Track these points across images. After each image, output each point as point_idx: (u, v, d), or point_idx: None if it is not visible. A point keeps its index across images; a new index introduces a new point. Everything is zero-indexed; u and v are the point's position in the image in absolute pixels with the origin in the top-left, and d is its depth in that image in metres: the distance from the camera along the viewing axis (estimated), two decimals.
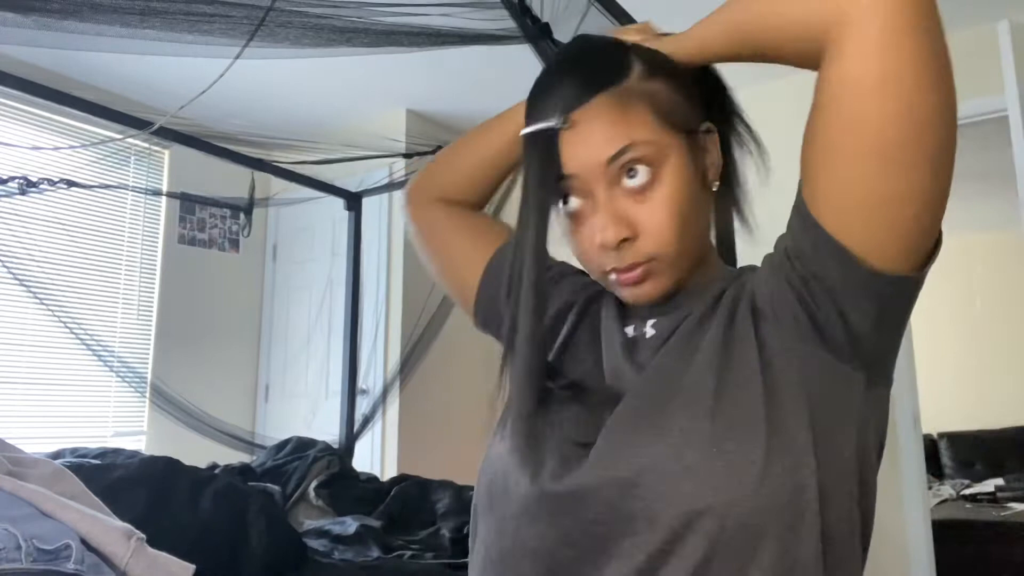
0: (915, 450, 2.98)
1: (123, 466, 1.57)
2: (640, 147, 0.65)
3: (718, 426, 0.61)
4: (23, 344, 3.11)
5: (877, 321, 0.62)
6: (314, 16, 1.51)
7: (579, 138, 0.66)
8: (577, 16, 1.60)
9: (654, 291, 0.69)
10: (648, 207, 0.66)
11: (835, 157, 0.58)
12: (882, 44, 0.54)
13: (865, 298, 0.61)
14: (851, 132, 0.57)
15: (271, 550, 1.57)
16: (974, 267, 5.59)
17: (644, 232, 0.66)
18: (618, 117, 0.65)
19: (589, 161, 0.66)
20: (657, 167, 0.66)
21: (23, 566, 0.70)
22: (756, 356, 0.64)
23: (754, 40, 0.64)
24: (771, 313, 0.65)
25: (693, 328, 0.69)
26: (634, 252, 0.67)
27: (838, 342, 0.63)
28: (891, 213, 0.58)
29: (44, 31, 1.42)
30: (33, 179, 2.47)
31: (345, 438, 2.92)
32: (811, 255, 0.62)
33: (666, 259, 0.67)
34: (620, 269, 0.68)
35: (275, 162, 2.76)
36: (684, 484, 0.59)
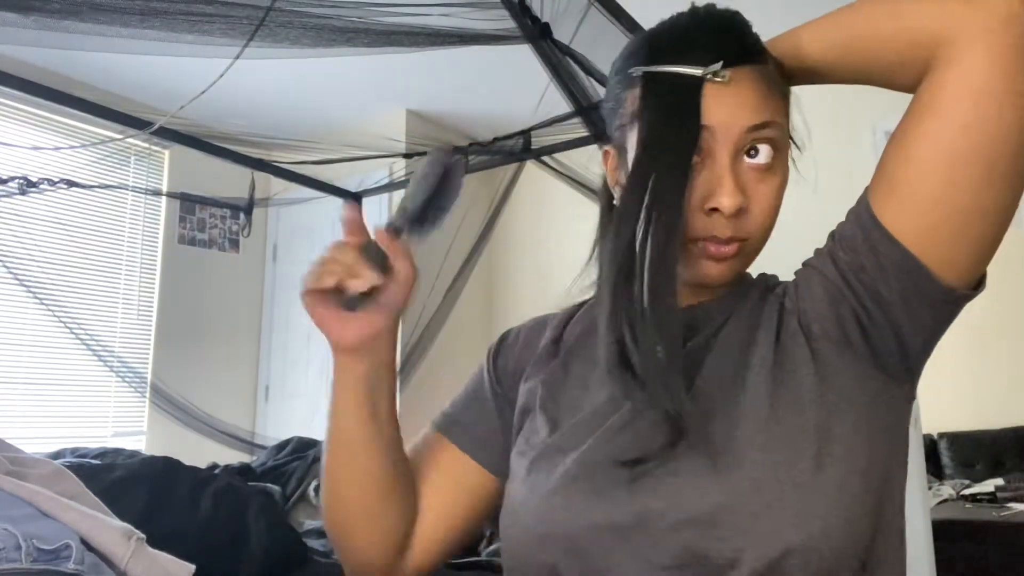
0: (915, 450, 2.98)
1: (123, 466, 1.57)
2: (776, 128, 0.64)
3: (790, 457, 0.58)
4: (23, 344, 3.11)
5: (930, 337, 0.62)
6: (314, 16, 1.51)
7: (728, 95, 0.62)
8: (577, 16, 1.60)
9: (731, 272, 0.66)
10: (761, 189, 0.64)
11: (940, 162, 0.57)
12: (1010, 57, 0.55)
13: (927, 314, 0.61)
14: (967, 137, 0.56)
15: (271, 550, 1.57)
16: None
17: (753, 211, 0.64)
18: (766, 92, 0.64)
19: (732, 120, 0.62)
20: (779, 154, 0.65)
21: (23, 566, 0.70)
22: (813, 375, 0.62)
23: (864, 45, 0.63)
24: (822, 331, 0.64)
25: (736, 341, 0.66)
26: (739, 226, 0.63)
27: (891, 361, 0.62)
28: (979, 227, 0.58)
29: (44, 31, 1.42)
30: (33, 179, 2.47)
31: None
32: (875, 270, 0.60)
33: (754, 245, 0.66)
34: (719, 239, 0.63)
35: (275, 162, 2.76)
36: (765, 522, 0.56)
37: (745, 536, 0.56)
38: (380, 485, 0.70)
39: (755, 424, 0.60)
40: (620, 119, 0.67)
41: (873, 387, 0.62)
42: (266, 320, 4.11)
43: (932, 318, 0.61)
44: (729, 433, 0.60)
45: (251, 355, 4.09)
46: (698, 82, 0.62)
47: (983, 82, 0.55)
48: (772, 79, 0.65)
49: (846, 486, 0.58)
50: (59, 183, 2.61)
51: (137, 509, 1.44)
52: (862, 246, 0.61)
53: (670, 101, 0.63)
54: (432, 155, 0.67)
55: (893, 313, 0.60)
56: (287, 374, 3.98)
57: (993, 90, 0.55)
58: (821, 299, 0.64)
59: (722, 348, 0.66)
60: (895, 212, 0.60)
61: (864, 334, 0.62)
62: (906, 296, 0.60)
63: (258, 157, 2.69)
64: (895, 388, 0.64)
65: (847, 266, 0.62)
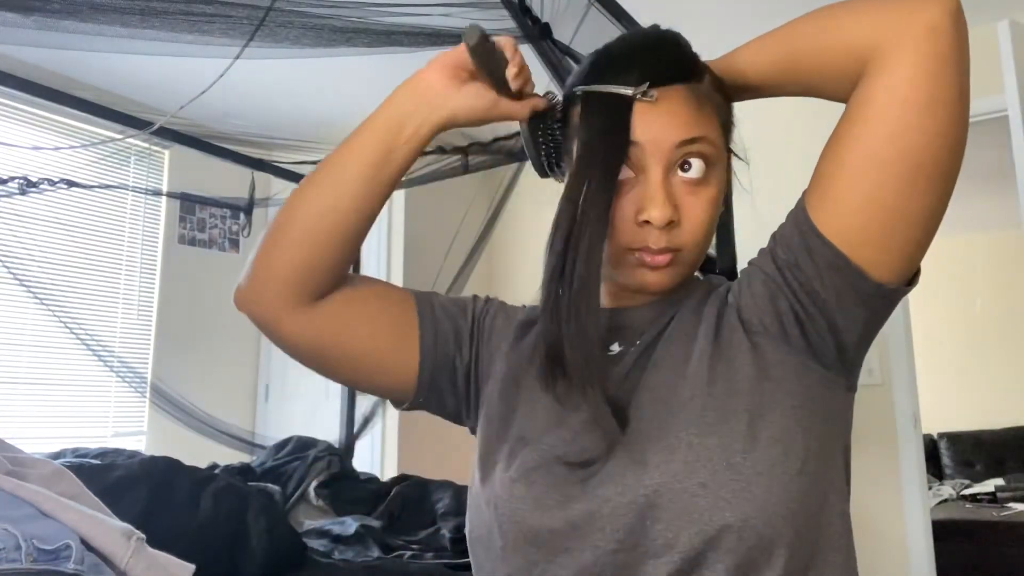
0: (915, 450, 2.98)
1: (123, 466, 1.57)
2: (707, 143, 0.68)
3: (724, 440, 0.62)
4: (23, 344, 3.11)
5: (864, 330, 0.66)
6: (314, 16, 1.51)
7: (657, 113, 0.67)
8: (577, 16, 1.60)
9: (668, 281, 0.70)
10: (693, 201, 0.68)
11: (870, 167, 0.61)
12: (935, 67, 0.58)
13: (860, 309, 0.64)
14: (893, 143, 0.59)
15: (271, 550, 1.57)
16: (974, 267, 5.59)
17: (685, 222, 0.68)
18: (696, 109, 0.68)
19: (662, 137, 0.67)
20: (711, 168, 0.69)
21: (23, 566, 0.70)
22: (751, 367, 0.66)
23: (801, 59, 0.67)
24: (760, 325, 0.67)
25: (681, 341, 0.70)
26: (671, 237, 0.68)
27: (826, 352, 0.66)
28: (906, 229, 0.61)
29: (44, 31, 1.42)
30: (33, 179, 2.47)
31: (345, 438, 2.92)
32: (809, 267, 0.64)
33: (690, 255, 0.69)
34: (653, 250, 0.68)
35: (275, 162, 2.76)
36: (700, 501, 0.60)
37: (681, 516, 0.60)
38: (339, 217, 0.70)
39: (692, 411, 0.64)
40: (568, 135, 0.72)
41: (811, 378, 0.66)
42: None
43: (865, 314, 0.65)
44: (667, 422, 0.65)
45: (251, 355, 4.09)
46: (629, 101, 0.67)
47: (909, 91, 0.59)
48: (705, 96, 0.69)
49: (779, 468, 0.61)
50: (59, 183, 2.61)
51: (137, 509, 1.44)
52: (798, 245, 0.65)
53: (602, 118, 0.67)
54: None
55: (827, 309, 0.64)
56: (287, 374, 3.98)
57: (918, 99, 0.58)
58: (761, 295, 0.68)
59: (666, 344, 0.71)
60: (828, 214, 0.63)
61: (801, 328, 0.66)
62: (839, 293, 0.63)
63: (258, 157, 2.69)
64: (833, 378, 0.68)
65: (784, 264, 0.65)
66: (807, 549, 0.62)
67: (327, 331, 0.73)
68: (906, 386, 3.00)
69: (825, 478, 0.65)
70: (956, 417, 5.33)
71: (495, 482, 0.70)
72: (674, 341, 0.71)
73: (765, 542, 0.60)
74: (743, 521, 0.60)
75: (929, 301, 5.01)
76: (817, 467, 0.64)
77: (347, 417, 2.94)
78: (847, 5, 0.64)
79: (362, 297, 0.76)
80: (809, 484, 0.63)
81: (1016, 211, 2.43)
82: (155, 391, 3.00)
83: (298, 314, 0.73)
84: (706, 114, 0.68)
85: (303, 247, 0.71)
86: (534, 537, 0.66)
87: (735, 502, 0.60)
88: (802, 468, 0.62)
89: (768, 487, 0.61)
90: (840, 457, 0.68)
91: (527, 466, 0.68)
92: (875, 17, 0.60)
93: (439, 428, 3.85)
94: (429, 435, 3.61)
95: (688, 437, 0.63)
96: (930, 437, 5.12)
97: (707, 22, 2.66)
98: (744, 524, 0.60)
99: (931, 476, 4.82)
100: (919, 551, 2.91)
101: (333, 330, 0.74)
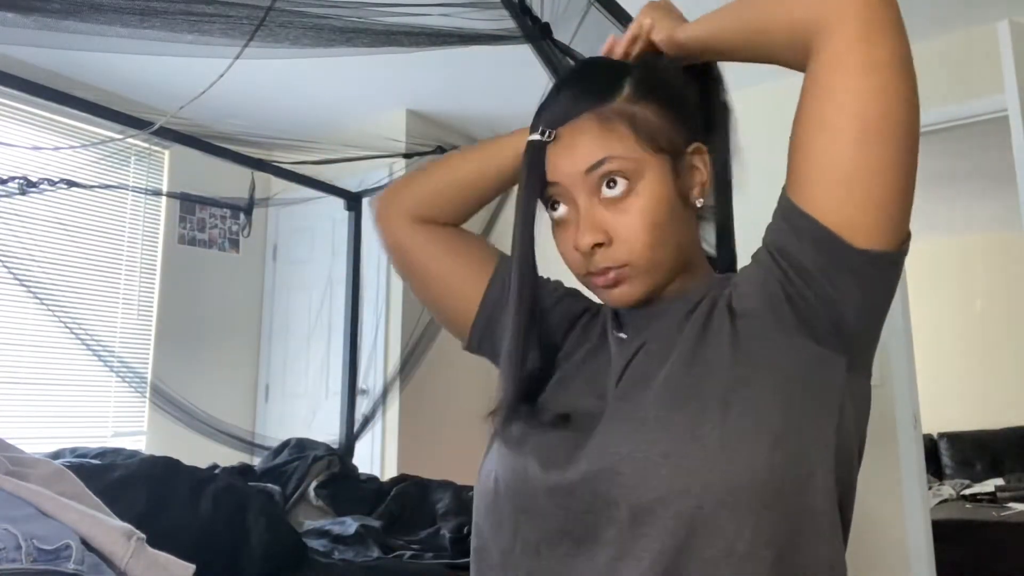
0: (915, 450, 2.98)
1: (123, 466, 1.57)
2: (617, 161, 0.71)
3: (691, 413, 0.65)
4: (23, 344, 3.11)
5: (862, 301, 0.67)
6: (314, 16, 1.51)
7: (562, 150, 0.73)
8: (577, 16, 1.60)
9: (628, 295, 0.74)
10: (624, 217, 0.72)
11: (822, 133, 0.65)
12: (867, 35, 0.63)
13: (850, 278, 0.65)
14: (839, 108, 0.64)
15: (271, 550, 1.57)
16: (974, 267, 5.59)
17: (618, 239, 0.72)
18: (600, 133, 0.72)
19: (569, 170, 0.73)
20: (634, 181, 0.72)
21: (23, 566, 0.70)
22: (728, 346, 0.69)
23: (753, 31, 0.72)
24: (748, 309, 0.70)
25: (672, 332, 0.74)
26: (608, 257, 0.72)
27: (822, 329, 0.67)
28: (868, 185, 0.64)
29: (44, 31, 1.42)
30: (33, 179, 2.47)
31: (345, 438, 2.92)
32: (795, 247, 0.66)
33: (639, 266, 0.72)
34: (595, 272, 0.73)
35: (275, 162, 2.76)
36: (661, 469, 0.63)
37: (642, 483, 0.64)
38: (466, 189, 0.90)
39: (665, 390, 0.68)
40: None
41: (800, 356, 0.68)
42: (266, 320, 4.11)
43: (857, 282, 0.66)
44: (642, 400, 0.69)
45: (251, 355, 4.09)
46: (540, 146, 0.74)
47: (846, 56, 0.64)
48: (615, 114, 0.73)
49: (748, 441, 0.63)
50: (59, 183, 2.61)
51: (137, 509, 1.44)
52: (783, 227, 0.68)
53: (523, 166, 0.76)
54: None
55: (818, 284, 0.66)
56: (287, 374, 3.98)
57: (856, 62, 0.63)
58: (753, 282, 0.71)
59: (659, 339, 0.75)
60: (800, 188, 0.67)
61: (793, 307, 0.67)
62: (827, 265, 0.65)
63: (258, 157, 2.69)
64: (828, 355, 0.68)
65: (774, 247, 0.68)
66: (781, 524, 0.63)
67: (419, 245, 0.89)
68: (906, 386, 3.00)
69: (809, 457, 0.65)
70: (956, 417, 5.33)
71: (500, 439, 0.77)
72: (667, 333, 0.74)
73: (728, 511, 0.62)
74: (703, 488, 0.62)
75: (929, 301, 5.01)
76: (798, 445, 0.64)
77: (347, 417, 2.94)
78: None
79: (459, 237, 0.90)
80: (784, 460, 0.63)
81: (1016, 211, 2.43)
82: (155, 391, 3.00)
83: (408, 225, 0.89)
84: (614, 132, 0.72)
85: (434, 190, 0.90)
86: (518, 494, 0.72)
87: (696, 471, 0.62)
88: (775, 443, 0.63)
89: (731, 458, 0.62)
90: (834, 438, 0.67)
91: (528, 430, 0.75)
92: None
93: (439, 428, 3.87)
94: (429, 435, 3.61)
95: (656, 412, 0.67)
96: (930, 437, 5.12)
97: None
98: (704, 492, 0.62)
99: (931, 476, 4.82)
100: (919, 551, 2.91)
101: (422, 246, 0.89)
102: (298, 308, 3.98)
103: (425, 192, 0.90)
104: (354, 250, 3.07)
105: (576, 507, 0.67)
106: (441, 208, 0.89)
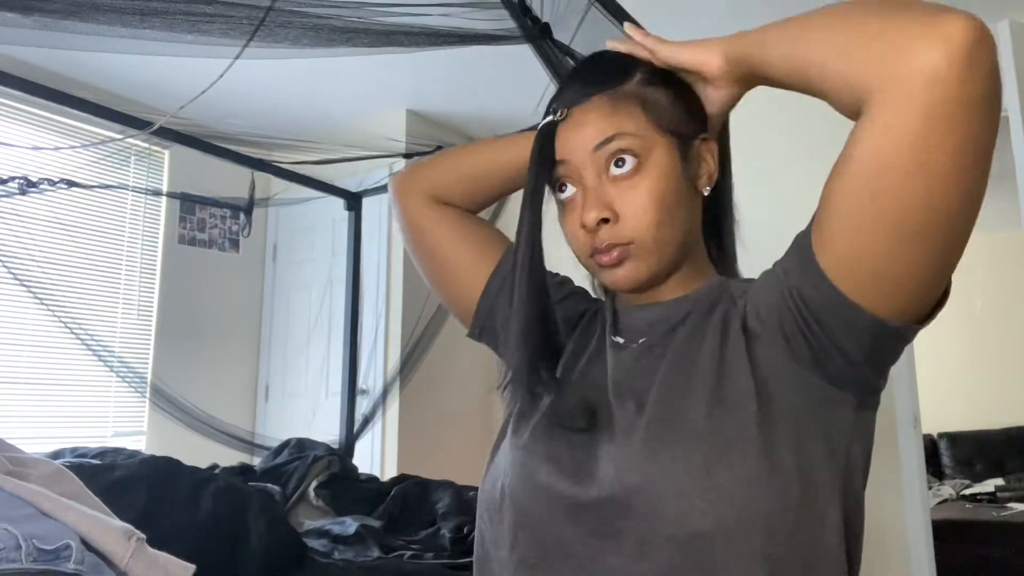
0: (915, 450, 2.98)
1: (123, 466, 1.57)
2: (626, 138, 0.71)
3: (711, 450, 0.63)
4: (23, 344, 3.11)
5: (870, 355, 0.64)
6: (314, 16, 1.51)
7: (572, 128, 0.73)
8: (577, 16, 1.60)
9: (631, 275, 0.73)
10: (631, 194, 0.71)
11: (853, 215, 0.58)
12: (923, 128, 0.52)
13: (869, 341, 0.62)
14: (873, 204, 0.56)
15: (271, 550, 1.57)
16: (974, 267, 5.59)
17: (624, 216, 0.71)
18: (610, 111, 0.72)
19: (578, 147, 0.72)
20: (643, 159, 0.71)
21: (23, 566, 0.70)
22: (750, 379, 0.66)
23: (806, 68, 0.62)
24: (763, 334, 0.67)
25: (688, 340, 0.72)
26: (613, 234, 0.71)
27: (834, 369, 0.65)
28: (901, 282, 0.59)
29: (44, 31, 1.42)
30: (33, 179, 2.47)
31: (345, 438, 2.92)
32: (813, 298, 0.63)
33: (644, 245, 0.71)
34: (600, 250, 0.72)
35: (275, 162, 2.76)
36: (673, 506, 0.62)
37: (653, 519, 0.62)
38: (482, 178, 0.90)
39: (688, 421, 0.66)
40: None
41: (812, 394, 0.65)
42: (266, 320, 4.11)
43: (871, 341, 0.62)
44: (663, 431, 0.66)
45: (251, 355, 4.09)
46: (550, 128, 0.74)
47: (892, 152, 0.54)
48: (626, 95, 0.72)
49: (763, 482, 0.61)
50: (59, 183, 2.61)
51: (137, 509, 1.44)
52: (802, 274, 0.64)
53: (534, 149, 0.75)
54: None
55: (833, 335, 0.63)
56: (287, 374, 3.98)
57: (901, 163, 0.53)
58: (771, 308, 0.67)
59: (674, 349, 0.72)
60: (824, 249, 0.61)
61: (808, 345, 0.64)
62: (841, 324, 0.63)
63: (258, 157, 2.68)
64: (837, 395, 0.65)
65: (790, 287, 0.65)
66: (787, 566, 0.62)
67: (432, 223, 0.90)
68: (906, 386, 3.00)
69: (820, 497, 0.64)
70: (956, 417, 5.33)
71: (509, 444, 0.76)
72: (682, 346, 0.72)
73: (735, 553, 0.60)
74: (714, 530, 0.60)
75: None
76: (809, 486, 0.63)
77: (347, 417, 2.94)
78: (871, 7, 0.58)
79: (471, 222, 0.91)
80: (795, 500, 0.62)
81: (1016, 211, 2.43)
82: (155, 391, 3.00)
83: (424, 203, 0.90)
84: (624, 111, 0.71)
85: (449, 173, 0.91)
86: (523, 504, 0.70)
87: (708, 512, 0.61)
88: (788, 483, 0.62)
89: (747, 499, 0.61)
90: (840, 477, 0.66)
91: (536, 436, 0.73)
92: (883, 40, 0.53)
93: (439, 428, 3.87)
94: (429, 435, 3.61)
95: (674, 447, 0.65)
96: (930, 437, 5.11)
97: (706, 21, 2.66)
98: (715, 533, 0.60)
99: (931, 476, 4.82)
100: (919, 551, 2.91)
101: (435, 225, 0.90)
102: (298, 308, 3.98)
103: (445, 174, 0.91)
104: (354, 250, 3.07)
105: (580, 532, 0.66)
106: (458, 192, 0.90)
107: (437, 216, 0.90)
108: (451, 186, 0.90)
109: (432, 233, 0.90)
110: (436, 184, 0.91)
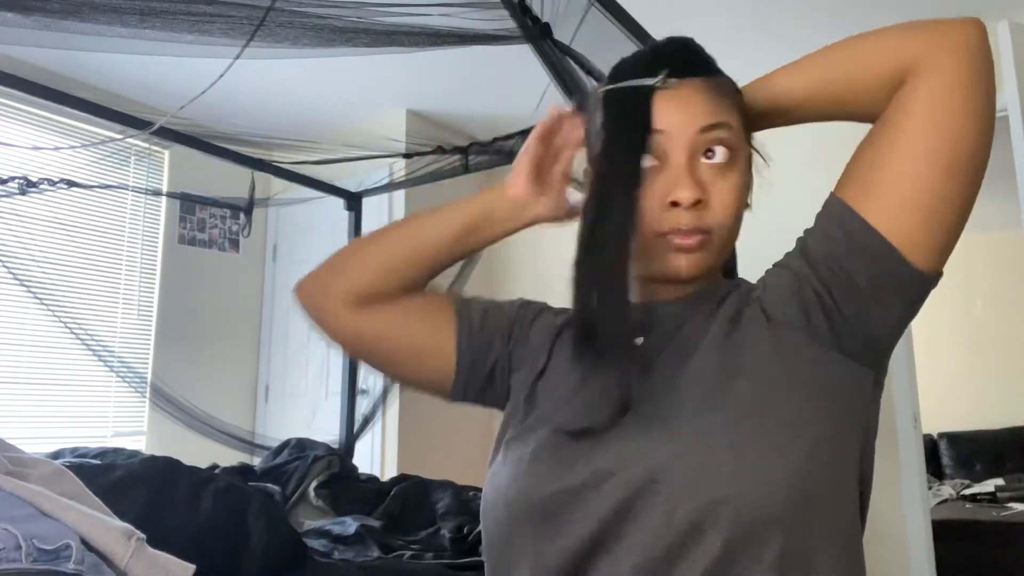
0: (915, 450, 2.98)
1: (123, 466, 1.57)
2: (729, 130, 0.71)
3: (729, 421, 0.64)
4: (23, 344, 3.11)
5: (897, 322, 0.68)
6: (314, 16, 1.51)
7: (679, 101, 0.70)
8: (577, 16, 1.60)
9: (699, 264, 0.71)
10: (721, 184, 0.70)
11: (908, 161, 0.66)
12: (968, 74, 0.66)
13: (896, 300, 0.67)
14: (940, 134, 0.65)
15: (271, 550, 1.57)
16: (974, 267, 5.59)
17: (713, 204, 0.70)
18: (717, 98, 0.71)
19: (685, 123, 0.70)
20: (735, 156, 0.71)
21: (23, 566, 0.70)
22: (769, 353, 0.67)
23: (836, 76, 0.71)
24: (783, 315, 0.69)
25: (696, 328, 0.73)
26: (700, 218, 0.70)
27: (852, 343, 0.67)
28: (943, 214, 0.66)
29: (44, 31, 1.42)
30: (33, 179, 2.47)
31: (345, 438, 2.92)
32: (849, 260, 0.66)
33: (720, 238, 0.71)
34: (683, 231, 0.70)
35: (275, 162, 2.76)
36: (700, 478, 0.62)
37: (679, 492, 0.62)
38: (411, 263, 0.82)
39: (700, 393, 0.66)
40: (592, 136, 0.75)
41: (834, 369, 0.68)
42: (266, 320, 4.11)
43: (900, 303, 0.67)
44: (676, 402, 0.67)
45: (251, 355, 4.09)
46: (649, 91, 0.70)
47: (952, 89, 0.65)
48: (724, 89, 0.72)
49: (786, 450, 0.62)
50: (59, 183, 2.61)
51: (137, 509, 1.44)
52: (839, 237, 0.67)
53: (623, 110, 0.71)
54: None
55: (863, 299, 0.66)
56: (287, 374, 3.98)
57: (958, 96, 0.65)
58: (787, 289, 0.70)
59: (682, 336, 0.73)
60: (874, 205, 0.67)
61: (828, 318, 0.67)
62: (878, 282, 0.66)
63: (258, 157, 2.69)
64: (860, 370, 0.69)
65: (821, 257, 0.68)
66: (810, 535, 0.62)
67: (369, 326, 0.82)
68: (906, 386, 3.00)
69: (841, 468, 0.66)
70: (956, 417, 5.33)
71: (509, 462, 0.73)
72: (692, 333, 0.72)
73: (763, 522, 0.61)
74: (739, 498, 0.60)
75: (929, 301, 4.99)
76: (831, 456, 0.64)
77: (347, 417, 2.94)
78: (883, 29, 0.69)
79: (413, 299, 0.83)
80: (819, 470, 0.63)
81: (1016, 211, 2.43)
82: (155, 391, 3.00)
83: (349, 311, 0.82)
84: (726, 105, 0.71)
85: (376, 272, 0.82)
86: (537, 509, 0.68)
87: (734, 480, 0.61)
88: (812, 452, 0.63)
89: (770, 468, 0.61)
90: (858, 451, 0.68)
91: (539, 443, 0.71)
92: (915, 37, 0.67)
93: (439, 428, 3.86)
94: (429, 435, 3.61)
95: (693, 419, 0.65)
96: (930, 437, 5.12)
97: (706, 21, 2.66)
98: (740, 502, 0.60)
99: (931, 476, 4.82)
100: (919, 551, 2.91)
101: (374, 327, 0.82)
102: (298, 308, 3.97)
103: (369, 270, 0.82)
104: None
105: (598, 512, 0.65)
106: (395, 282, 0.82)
107: (373, 317, 0.81)
108: (380, 280, 0.81)
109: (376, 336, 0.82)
110: (358, 284, 0.81)
